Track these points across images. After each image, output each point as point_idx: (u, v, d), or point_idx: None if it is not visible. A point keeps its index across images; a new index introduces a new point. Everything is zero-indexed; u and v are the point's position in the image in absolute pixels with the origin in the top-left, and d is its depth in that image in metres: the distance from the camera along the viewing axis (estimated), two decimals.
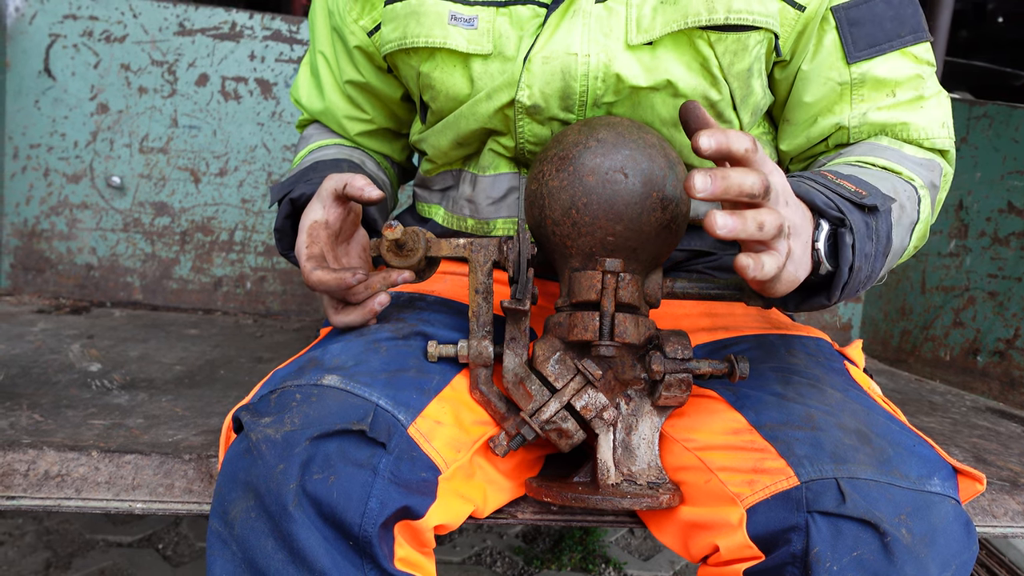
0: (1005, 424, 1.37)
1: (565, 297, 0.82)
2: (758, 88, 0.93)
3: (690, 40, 0.86)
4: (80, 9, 1.76)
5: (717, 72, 0.88)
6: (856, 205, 0.74)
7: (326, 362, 0.80)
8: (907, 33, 0.91)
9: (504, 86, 0.89)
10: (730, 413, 0.80)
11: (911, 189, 0.86)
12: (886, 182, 0.82)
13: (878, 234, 0.75)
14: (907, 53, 0.92)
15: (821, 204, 0.72)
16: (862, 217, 0.74)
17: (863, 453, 0.72)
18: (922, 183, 0.88)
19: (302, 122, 1.17)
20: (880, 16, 0.90)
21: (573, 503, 0.77)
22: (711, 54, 0.87)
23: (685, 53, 0.87)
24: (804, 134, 0.96)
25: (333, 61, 1.07)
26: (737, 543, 0.72)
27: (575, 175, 0.80)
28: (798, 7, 0.89)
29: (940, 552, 0.68)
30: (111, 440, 0.92)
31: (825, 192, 0.74)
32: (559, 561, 1.79)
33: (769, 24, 0.87)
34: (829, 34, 0.91)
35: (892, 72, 0.91)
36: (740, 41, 0.87)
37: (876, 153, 0.90)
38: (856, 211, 0.73)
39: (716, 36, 0.86)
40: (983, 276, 1.62)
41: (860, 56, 0.91)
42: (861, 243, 0.73)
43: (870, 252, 0.74)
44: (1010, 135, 1.57)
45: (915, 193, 0.86)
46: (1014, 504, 0.97)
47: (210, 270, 1.85)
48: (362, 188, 0.80)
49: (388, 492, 0.70)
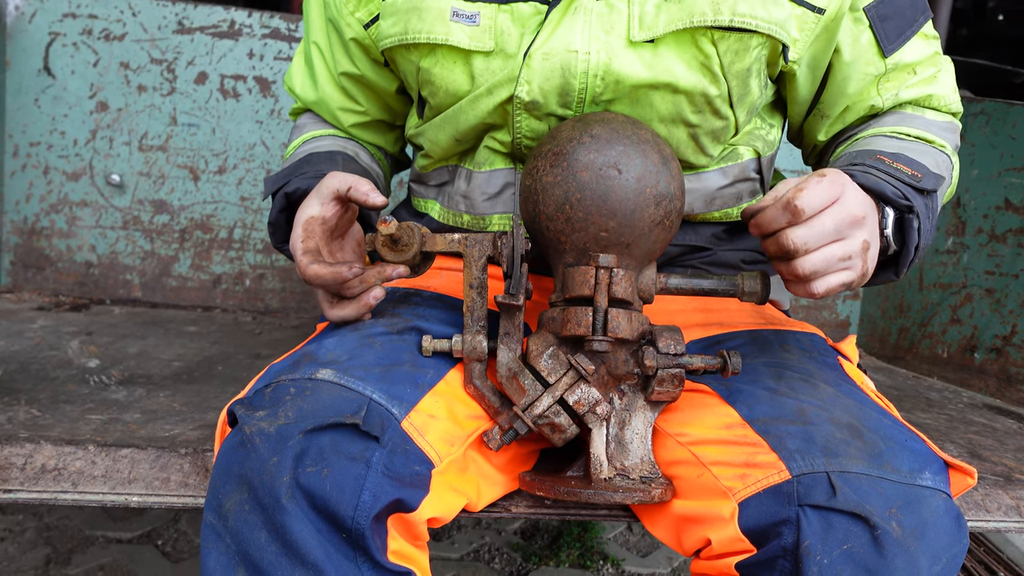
0: (1001, 420, 1.37)
1: (559, 292, 0.83)
2: (755, 87, 0.94)
3: (693, 38, 0.87)
4: (79, 8, 1.76)
5: (718, 70, 0.88)
6: (917, 190, 0.83)
7: (321, 356, 0.80)
8: (920, 15, 0.98)
9: (504, 82, 0.90)
10: (723, 408, 0.80)
11: (947, 160, 0.94)
12: (928, 156, 0.91)
13: (934, 211, 0.86)
14: (923, 34, 0.98)
15: (891, 195, 0.81)
16: (923, 200, 0.83)
17: (854, 447, 0.72)
18: (952, 149, 0.97)
19: (295, 110, 1.17)
20: (901, 6, 0.96)
21: (566, 497, 0.77)
22: (713, 52, 0.87)
23: (687, 51, 0.87)
24: (840, 121, 1.02)
25: (328, 52, 1.06)
26: (729, 536, 0.73)
27: (569, 171, 0.80)
28: (817, 10, 0.90)
29: (930, 545, 0.69)
30: (108, 435, 0.92)
31: (890, 181, 0.82)
32: (557, 557, 1.79)
33: (772, 31, 0.87)
34: (864, 33, 0.95)
35: (915, 55, 0.98)
36: (742, 41, 0.88)
37: (906, 123, 0.96)
38: (918, 196, 0.83)
39: (719, 35, 0.86)
40: (980, 273, 1.62)
41: (893, 48, 0.96)
42: (924, 223, 0.82)
43: (928, 228, 0.84)
44: (1007, 132, 1.57)
45: (950, 162, 0.95)
46: (1007, 499, 0.98)
47: (209, 267, 1.85)
48: (367, 194, 0.81)
49: (381, 485, 0.71)
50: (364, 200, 0.81)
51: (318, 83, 1.08)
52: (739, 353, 0.80)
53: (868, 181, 0.80)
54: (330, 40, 1.05)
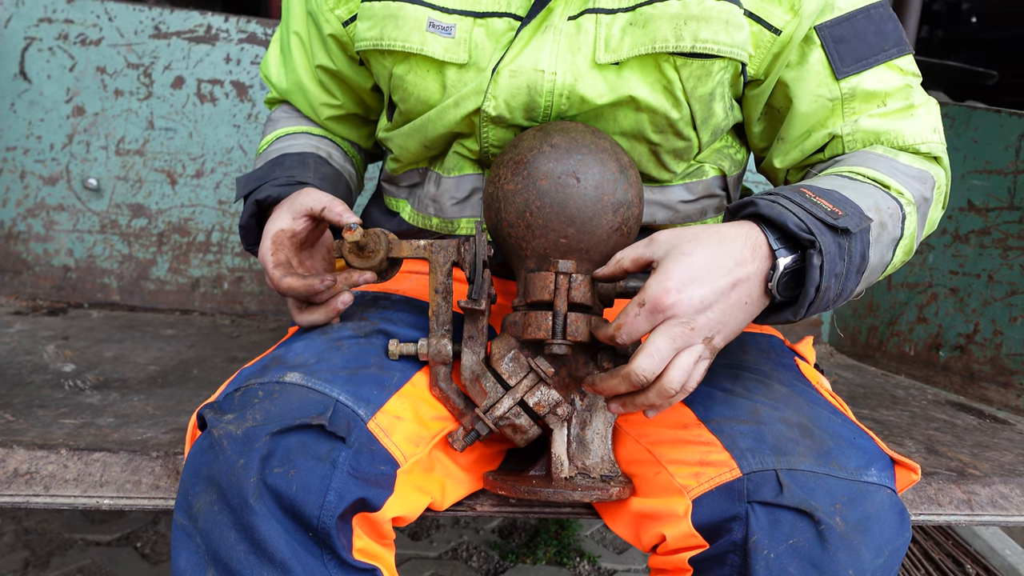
0: (962, 417, 1.41)
1: (521, 297, 0.85)
2: (719, 110, 0.94)
3: (656, 63, 0.88)
4: (55, 12, 1.77)
5: (680, 95, 0.89)
6: (829, 227, 0.74)
7: (289, 360, 0.82)
8: (891, 47, 0.92)
9: (472, 94, 0.91)
10: (680, 408, 0.83)
11: (896, 207, 0.84)
12: (869, 198, 0.82)
13: (850, 254, 0.76)
14: (893, 66, 0.93)
15: (792, 227, 0.73)
16: (834, 239, 0.74)
17: (803, 446, 0.75)
18: (911, 199, 0.87)
19: (271, 99, 1.18)
20: (863, 32, 0.92)
21: (526, 496, 0.80)
22: (676, 77, 0.88)
23: (650, 75, 0.88)
24: (798, 148, 0.96)
25: (307, 43, 1.08)
26: (682, 532, 0.75)
27: (529, 179, 0.83)
28: (774, 30, 0.89)
29: (874, 538, 0.72)
30: (81, 438, 0.94)
31: (799, 213, 0.74)
32: (534, 555, 1.82)
33: (735, 55, 0.88)
34: (815, 52, 0.91)
35: (880, 84, 0.92)
36: (704, 67, 0.88)
37: (868, 163, 0.89)
38: (828, 232, 0.74)
39: (682, 61, 0.87)
40: (945, 273, 1.66)
41: (848, 72, 0.91)
42: (831, 264, 0.73)
43: (840, 272, 0.75)
44: (970, 135, 1.61)
45: (900, 211, 0.85)
46: (959, 493, 1.01)
47: (187, 271, 1.86)
48: (340, 214, 0.84)
49: (347, 485, 0.73)
50: (338, 221, 0.84)
51: (296, 73, 1.10)
52: None
53: (770, 211, 0.74)
54: (309, 32, 1.07)
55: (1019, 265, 1.48)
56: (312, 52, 1.07)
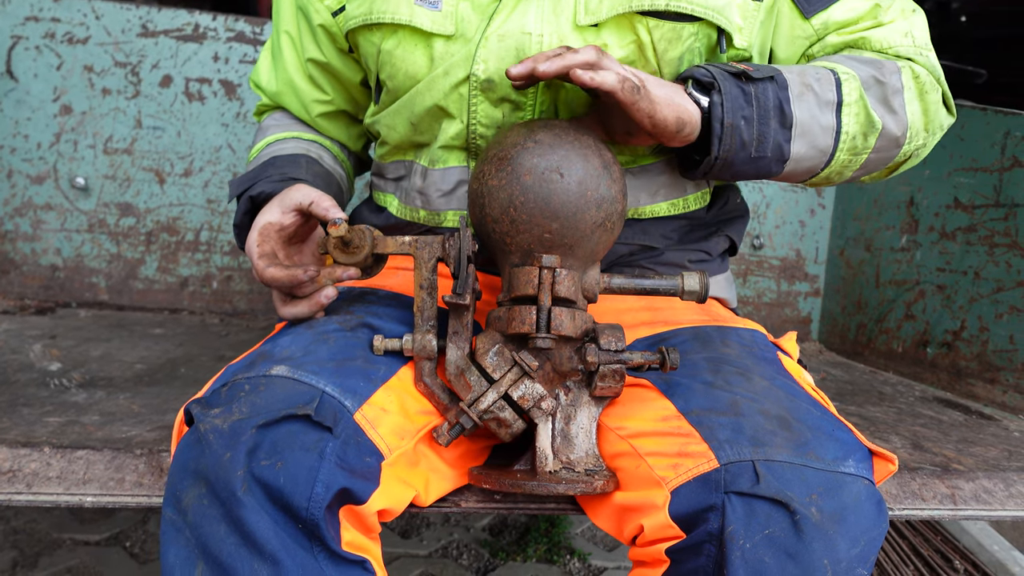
0: (948, 413, 1.42)
1: (505, 292, 0.85)
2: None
3: (631, 24, 0.92)
4: (42, 11, 1.76)
5: (651, 55, 0.93)
6: (731, 74, 0.88)
7: (276, 354, 0.83)
8: None
9: (461, 62, 0.94)
10: (661, 401, 0.83)
11: (827, 73, 0.92)
12: (795, 70, 0.92)
13: (758, 99, 0.88)
14: None
15: (698, 75, 0.88)
16: (736, 83, 0.87)
17: (781, 437, 0.76)
18: (852, 73, 0.92)
19: (261, 109, 1.20)
20: None
21: (511, 489, 0.80)
22: (648, 39, 0.92)
23: (625, 35, 0.92)
24: None
25: (297, 39, 1.10)
26: (660, 523, 0.76)
27: (513, 175, 0.83)
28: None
29: (850, 529, 0.72)
30: (65, 436, 0.93)
31: (710, 68, 0.88)
32: (524, 553, 1.82)
33: (709, 16, 0.92)
34: (784, 3, 0.98)
35: (850, 12, 0.99)
36: (675, 30, 0.92)
37: (824, 60, 0.96)
38: (731, 78, 0.88)
39: (655, 23, 0.92)
40: (932, 270, 1.67)
41: (815, 9, 0.98)
42: (732, 102, 0.86)
43: (750, 116, 0.87)
44: (956, 133, 1.62)
45: (832, 76, 0.92)
46: (943, 488, 1.02)
47: (176, 270, 1.86)
48: (327, 209, 0.86)
49: (334, 476, 0.73)
50: (324, 216, 0.86)
51: (287, 71, 1.12)
52: (677, 349, 0.83)
53: (691, 72, 0.89)
54: (299, 27, 1.09)
55: (1005, 262, 1.49)
56: (303, 46, 1.10)
